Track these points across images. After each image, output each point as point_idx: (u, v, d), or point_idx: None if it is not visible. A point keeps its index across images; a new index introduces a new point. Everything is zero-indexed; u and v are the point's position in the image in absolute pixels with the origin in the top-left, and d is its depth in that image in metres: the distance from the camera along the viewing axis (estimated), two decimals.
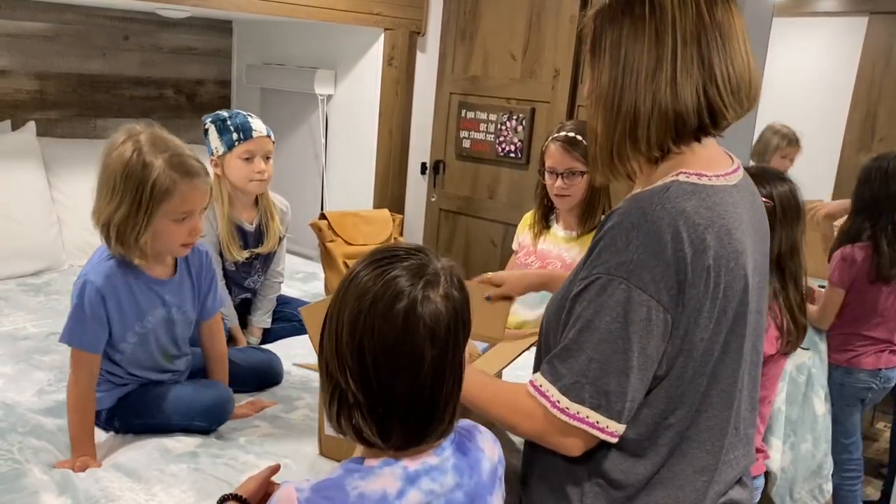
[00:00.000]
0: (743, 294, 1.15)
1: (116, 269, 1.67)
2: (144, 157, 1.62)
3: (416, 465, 1.02)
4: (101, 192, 1.65)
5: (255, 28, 4.15)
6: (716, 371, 1.16)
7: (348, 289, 1.01)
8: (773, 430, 2.40)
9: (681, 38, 1.11)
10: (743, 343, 1.18)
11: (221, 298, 1.99)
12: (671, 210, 1.09)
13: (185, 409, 1.78)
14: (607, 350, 1.09)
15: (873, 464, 3.40)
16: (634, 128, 1.15)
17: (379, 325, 0.96)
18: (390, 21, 3.52)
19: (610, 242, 1.11)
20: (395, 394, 0.98)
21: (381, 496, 0.99)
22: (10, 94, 3.40)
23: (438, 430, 1.02)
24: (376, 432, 0.99)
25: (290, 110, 4.01)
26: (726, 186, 1.17)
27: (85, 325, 1.65)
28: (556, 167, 2.30)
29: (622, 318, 1.08)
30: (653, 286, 1.07)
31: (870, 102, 4.05)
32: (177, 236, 1.68)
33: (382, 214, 3.08)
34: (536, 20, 3.29)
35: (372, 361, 0.96)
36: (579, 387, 1.11)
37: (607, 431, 1.12)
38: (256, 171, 2.35)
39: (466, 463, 1.07)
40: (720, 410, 1.18)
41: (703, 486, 1.17)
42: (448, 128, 3.65)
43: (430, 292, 0.98)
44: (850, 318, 2.72)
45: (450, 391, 1.02)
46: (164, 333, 1.80)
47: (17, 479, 1.56)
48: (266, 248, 2.47)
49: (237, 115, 2.38)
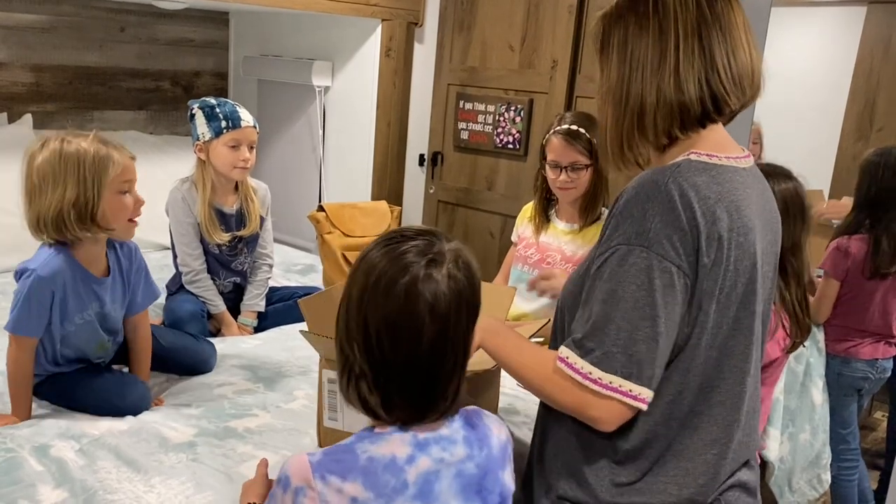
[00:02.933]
0: (752, 270, 1.18)
1: (63, 265, 1.77)
2: (72, 143, 1.73)
3: (426, 434, 1.07)
4: (39, 191, 1.73)
5: (252, 19, 4.13)
6: (728, 345, 1.19)
7: (360, 266, 1.07)
8: (771, 420, 2.40)
9: (682, 31, 1.18)
10: (753, 321, 1.21)
11: (155, 292, 2.06)
12: (682, 183, 1.14)
13: (102, 402, 1.84)
14: (635, 317, 1.11)
15: (870, 454, 3.41)
16: (642, 118, 1.21)
17: (382, 300, 1.03)
18: (388, 12, 3.51)
19: (626, 215, 1.14)
20: (397, 366, 1.04)
21: (391, 460, 1.04)
22: (6, 87, 3.39)
23: (441, 407, 1.07)
24: (379, 403, 1.05)
25: (288, 102, 4.00)
26: (737, 168, 1.22)
27: (30, 315, 1.75)
28: (559, 161, 2.29)
29: (647, 285, 1.11)
30: (673, 252, 1.11)
31: (868, 92, 4.04)
32: (125, 209, 1.79)
33: (380, 206, 3.08)
34: (535, 11, 3.28)
35: (375, 334, 1.03)
36: (610, 356, 1.12)
37: (640, 399, 1.14)
38: (241, 159, 2.44)
39: (476, 436, 1.12)
40: (732, 386, 1.20)
41: (714, 458, 1.19)
42: (446, 119, 3.64)
43: (432, 270, 1.04)
44: (846, 310, 2.72)
45: (451, 368, 1.07)
46: (101, 326, 1.90)
47: (12, 470, 1.56)
48: (248, 230, 2.56)
49: (225, 103, 2.45)
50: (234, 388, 2.04)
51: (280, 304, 2.68)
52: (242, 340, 2.44)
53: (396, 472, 1.03)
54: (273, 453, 1.70)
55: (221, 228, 2.49)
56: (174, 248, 2.53)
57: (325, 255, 2.89)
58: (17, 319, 1.76)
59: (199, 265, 2.48)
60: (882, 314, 2.70)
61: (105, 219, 1.76)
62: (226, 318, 2.52)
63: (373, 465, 1.03)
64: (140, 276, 1.99)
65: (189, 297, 2.48)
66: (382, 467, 1.03)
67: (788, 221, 1.91)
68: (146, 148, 3.66)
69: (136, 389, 1.91)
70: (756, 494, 1.30)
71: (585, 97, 3.14)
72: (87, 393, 1.86)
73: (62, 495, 1.49)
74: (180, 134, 3.91)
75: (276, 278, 2.94)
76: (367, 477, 1.02)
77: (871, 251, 2.64)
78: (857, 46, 4.07)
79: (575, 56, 3.19)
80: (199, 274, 2.48)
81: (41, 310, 1.76)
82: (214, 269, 2.53)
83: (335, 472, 1.03)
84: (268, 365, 2.20)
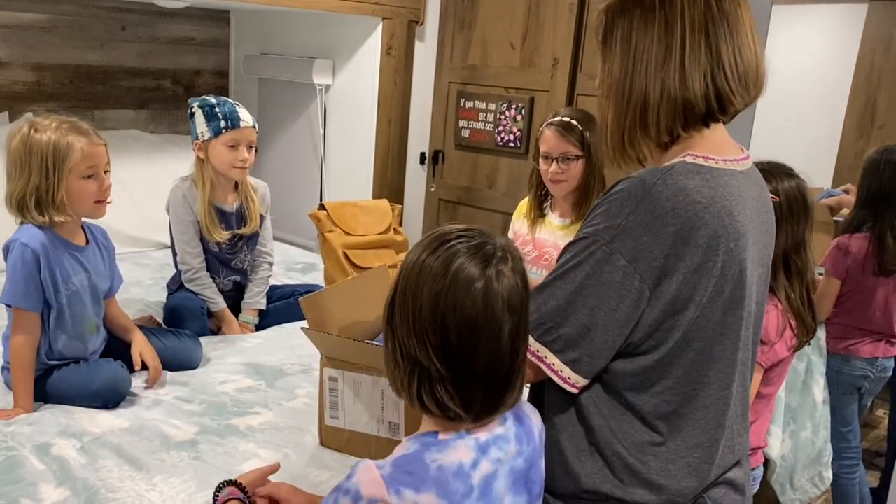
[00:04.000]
0: (740, 276, 1.17)
1: (44, 235, 1.86)
2: (40, 130, 1.84)
3: (485, 436, 1.08)
4: (12, 175, 1.86)
5: (252, 18, 4.13)
6: (713, 351, 1.17)
7: (420, 273, 1.06)
8: (772, 419, 2.40)
9: (689, 27, 1.15)
10: (741, 326, 1.19)
11: (121, 277, 2.17)
12: (672, 186, 1.12)
13: (81, 390, 1.89)
14: (576, 302, 1.14)
15: (871, 452, 3.41)
16: (644, 114, 1.19)
17: (461, 302, 1.02)
18: (388, 10, 3.51)
19: (606, 209, 1.15)
20: (478, 365, 1.04)
21: (459, 467, 1.04)
22: (7, 86, 3.40)
23: (511, 399, 1.09)
24: (460, 404, 1.05)
25: (289, 100, 4.00)
26: (733, 171, 1.19)
27: (21, 284, 1.83)
28: (550, 152, 2.29)
29: (596, 276, 1.13)
30: (634, 253, 1.11)
31: (869, 90, 4.03)
32: (89, 193, 1.88)
33: (382, 205, 3.07)
34: (535, 8, 3.28)
35: (456, 336, 1.03)
36: (543, 329, 1.16)
37: (562, 376, 1.16)
38: (240, 158, 2.46)
39: (524, 431, 1.14)
40: (717, 391, 1.19)
41: (696, 462, 1.19)
42: (447, 117, 3.63)
43: (502, 267, 1.05)
44: (847, 308, 2.71)
45: (522, 360, 1.09)
46: (89, 297, 1.97)
47: (13, 469, 1.56)
48: (249, 228, 2.57)
49: (225, 102, 2.46)
50: (236, 386, 2.04)
51: (281, 302, 2.68)
52: (244, 339, 2.44)
53: (464, 479, 1.04)
54: (275, 451, 1.70)
55: (221, 226, 2.50)
56: (174, 246, 2.53)
57: (327, 253, 2.88)
58: (12, 290, 1.83)
59: (198, 263, 2.48)
60: (883, 313, 2.69)
61: (65, 203, 1.85)
62: (226, 316, 2.53)
63: (443, 474, 1.03)
64: (114, 257, 2.11)
65: (189, 295, 2.48)
66: (452, 475, 1.04)
67: (792, 220, 1.90)
68: (147, 147, 3.66)
69: (107, 368, 1.94)
70: (744, 492, 1.29)
71: (586, 95, 3.14)
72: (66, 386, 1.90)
73: (64, 494, 1.49)
74: (181, 133, 3.91)
75: (277, 277, 2.94)
76: (439, 487, 1.03)
77: (877, 249, 2.63)
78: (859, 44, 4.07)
79: (576, 54, 3.18)
80: (199, 272, 2.49)
81: (32, 278, 1.83)
82: (214, 267, 2.54)
83: (409, 485, 1.02)
84: (269, 363, 2.21)
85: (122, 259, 2.69)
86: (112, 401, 1.89)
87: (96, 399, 1.88)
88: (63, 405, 1.88)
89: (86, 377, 1.90)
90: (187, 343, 2.21)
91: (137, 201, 3.32)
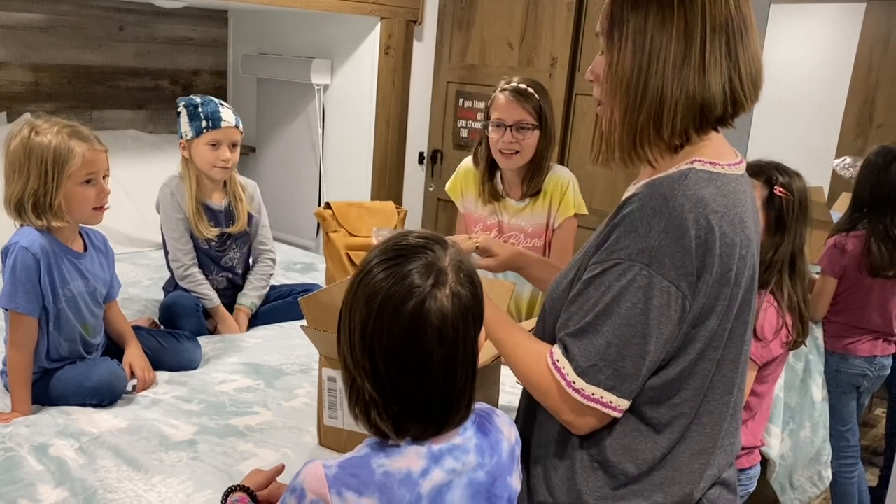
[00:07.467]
0: (750, 282, 1.17)
1: (43, 239, 1.85)
2: (40, 133, 1.83)
3: (440, 445, 1.05)
4: (10, 177, 1.84)
5: (251, 18, 4.13)
6: (723, 357, 1.17)
7: (360, 286, 1.02)
8: (771, 418, 2.39)
9: (710, 27, 1.11)
10: (745, 330, 1.19)
11: (119, 282, 2.15)
12: (691, 197, 1.10)
13: (77, 387, 1.89)
14: (626, 334, 1.10)
15: (870, 451, 3.41)
16: (660, 114, 1.14)
17: (388, 329, 0.98)
18: (387, 10, 3.50)
19: (630, 228, 1.10)
20: (408, 393, 1.01)
21: (406, 475, 1.02)
22: (5, 86, 3.39)
23: (455, 420, 1.05)
24: (392, 428, 1.02)
25: (287, 100, 4.00)
26: (737, 175, 1.18)
27: (20, 288, 1.81)
28: (503, 119, 2.16)
29: (643, 303, 1.09)
30: (673, 273, 1.08)
31: (867, 89, 4.04)
32: (87, 199, 1.87)
33: (387, 206, 3.05)
34: (534, 8, 3.28)
35: (383, 363, 0.99)
36: (596, 370, 1.11)
37: (617, 409, 1.13)
38: (221, 158, 2.47)
39: (487, 443, 1.10)
40: (721, 395, 1.19)
41: (700, 468, 1.18)
42: (445, 117, 3.63)
43: (437, 292, 1.00)
44: (845, 307, 2.71)
45: (463, 385, 1.04)
46: (87, 303, 1.96)
47: (12, 469, 1.56)
48: (236, 227, 2.57)
49: (209, 102, 2.47)
50: (235, 386, 2.04)
51: (279, 301, 2.68)
52: (243, 339, 2.44)
53: (411, 487, 1.02)
54: (274, 451, 1.70)
55: (210, 223, 2.51)
56: (166, 246, 2.54)
57: (330, 253, 2.87)
58: (11, 293, 1.81)
59: (189, 260, 2.49)
60: (880, 312, 2.69)
61: (62, 209, 1.84)
62: (221, 314, 2.52)
63: (389, 480, 1.02)
64: (113, 262, 2.09)
65: (184, 294, 2.48)
66: (398, 482, 1.02)
67: (801, 221, 1.89)
68: (145, 147, 3.66)
69: (103, 366, 1.94)
70: (736, 491, 1.29)
71: (585, 94, 3.14)
72: (62, 383, 1.90)
73: (62, 494, 1.49)
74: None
75: (276, 277, 2.93)
76: (383, 493, 1.01)
77: (868, 250, 2.64)
78: (857, 43, 4.07)
79: (574, 53, 3.18)
80: (191, 268, 2.49)
81: (31, 282, 1.81)
82: (205, 264, 2.54)
83: (352, 487, 1.01)
84: (268, 363, 2.20)
85: (121, 259, 2.69)
86: (108, 398, 1.89)
87: (92, 396, 1.88)
88: (61, 406, 1.87)
89: (82, 374, 1.90)
90: (186, 344, 2.20)
91: (135, 201, 3.32)
